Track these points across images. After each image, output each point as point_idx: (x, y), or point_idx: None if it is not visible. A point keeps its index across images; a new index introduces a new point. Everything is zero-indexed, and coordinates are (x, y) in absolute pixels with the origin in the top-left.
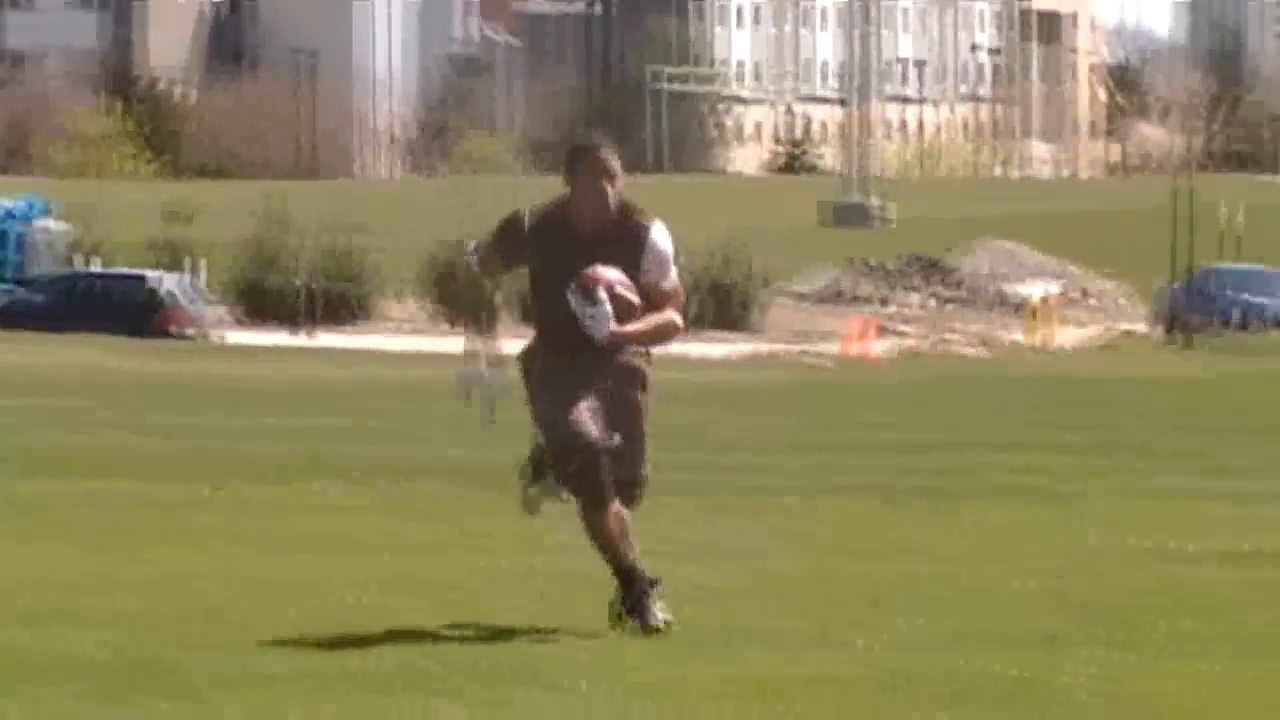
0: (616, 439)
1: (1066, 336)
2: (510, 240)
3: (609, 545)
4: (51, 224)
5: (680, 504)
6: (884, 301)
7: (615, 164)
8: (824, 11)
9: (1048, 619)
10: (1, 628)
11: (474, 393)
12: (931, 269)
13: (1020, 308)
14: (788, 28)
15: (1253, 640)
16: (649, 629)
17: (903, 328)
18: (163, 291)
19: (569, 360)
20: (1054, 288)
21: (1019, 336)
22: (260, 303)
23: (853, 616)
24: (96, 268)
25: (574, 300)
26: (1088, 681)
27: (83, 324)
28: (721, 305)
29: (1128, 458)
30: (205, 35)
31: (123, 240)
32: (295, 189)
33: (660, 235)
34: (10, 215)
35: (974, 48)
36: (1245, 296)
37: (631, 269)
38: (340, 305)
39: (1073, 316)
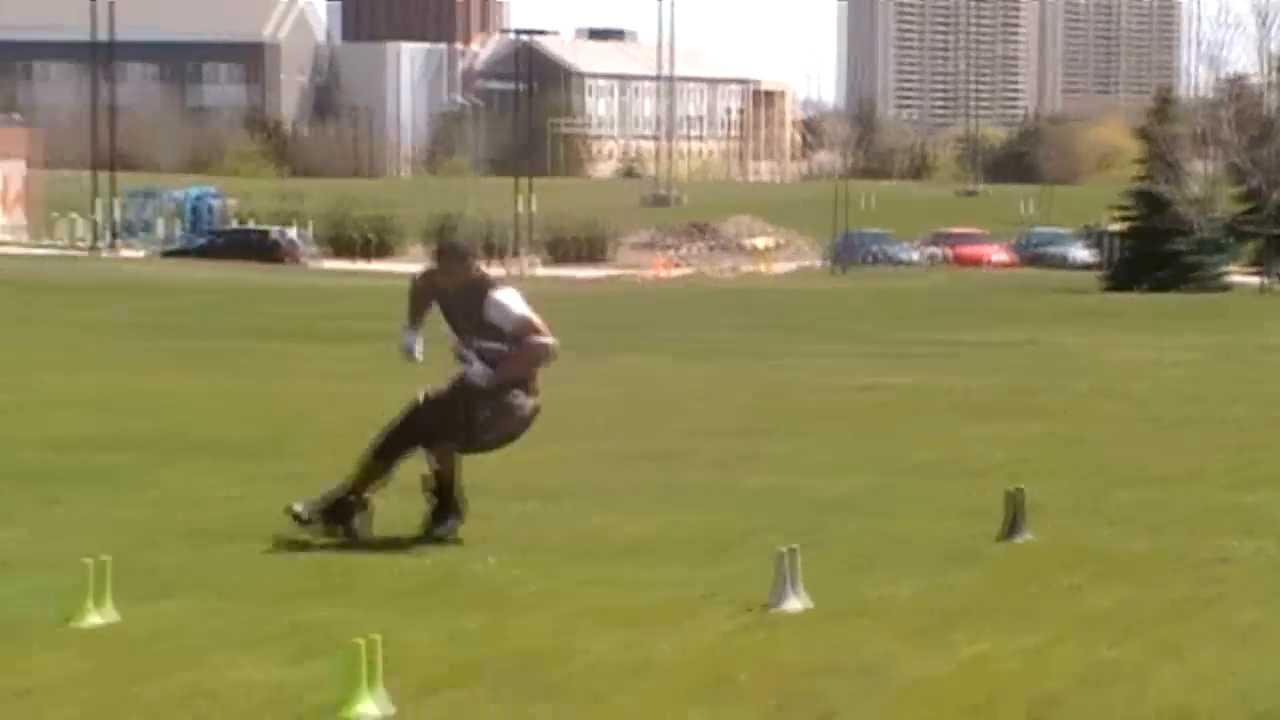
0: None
1: (779, 269)
2: (422, 296)
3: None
4: (223, 201)
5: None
6: (678, 248)
7: (457, 261)
8: (643, 87)
9: (760, 419)
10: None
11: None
12: (705, 230)
13: (753, 252)
14: (624, 98)
15: (870, 430)
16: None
17: (688, 263)
18: (280, 239)
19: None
20: (770, 241)
21: (751, 268)
22: (343, 245)
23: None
24: (245, 224)
25: (460, 355)
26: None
27: (243, 257)
28: (593, 248)
29: (807, 332)
30: (306, 98)
31: (264, 210)
32: (355, 185)
33: (500, 296)
34: (201, 197)
35: (732, 111)
36: (876, 247)
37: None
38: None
39: (782, 258)
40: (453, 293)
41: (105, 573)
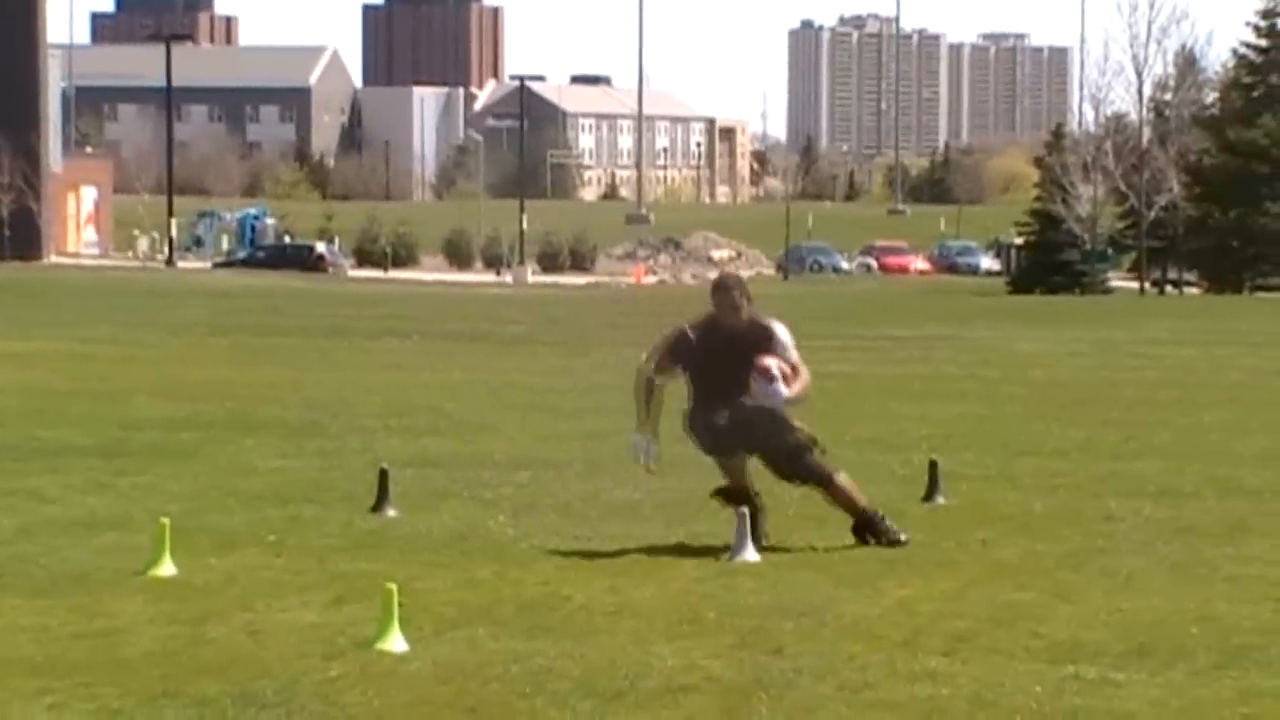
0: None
1: None
2: (682, 349)
3: (848, 503)
4: (270, 220)
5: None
6: (652, 258)
7: (742, 293)
8: (624, 124)
9: None
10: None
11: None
12: (674, 244)
13: (713, 261)
14: (606, 133)
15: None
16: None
17: (660, 271)
18: (321, 251)
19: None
20: (728, 252)
21: (713, 275)
22: (367, 256)
23: None
24: (290, 240)
25: (755, 382)
26: None
27: (284, 267)
28: (580, 259)
29: None
30: (338, 134)
31: (301, 228)
32: (380, 207)
33: (781, 330)
34: (251, 217)
35: (696, 145)
36: (817, 258)
37: (767, 353)
38: (396, 258)
39: (738, 266)
40: (740, 332)
41: (170, 532)
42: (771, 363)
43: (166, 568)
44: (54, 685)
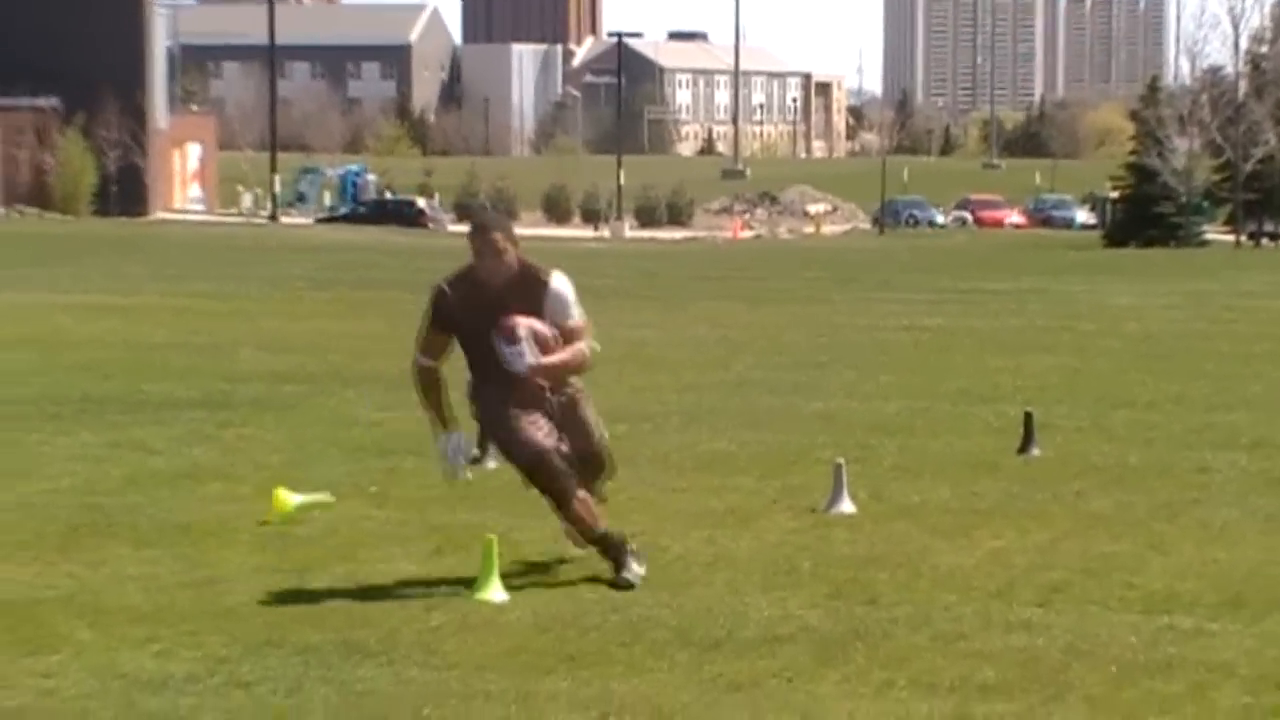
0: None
1: (831, 230)
2: (444, 312)
3: (582, 528)
4: (371, 176)
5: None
6: (749, 212)
7: (506, 232)
8: (720, 79)
9: (817, 355)
10: None
11: (453, 458)
12: (770, 198)
13: (809, 216)
14: (702, 89)
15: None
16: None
17: (756, 225)
18: (422, 206)
19: (505, 389)
20: (824, 207)
21: (809, 229)
22: (463, 210)
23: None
24: (390, 196)
25: (498, 344)
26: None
27: (385, 222)
28: (674, 213)
29: (855, 282)
30: (438, 90)
31: (402, 184)
32: (480, 163)
33: (559, 283)
34: (353, 173)
35: (793, 100)
36: (912, 212)
37: (537, 314)
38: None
39: (834, 221)
40: (499, 288)
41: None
42: (521, 321)
43: (270, 517)
44: (161, 633)
